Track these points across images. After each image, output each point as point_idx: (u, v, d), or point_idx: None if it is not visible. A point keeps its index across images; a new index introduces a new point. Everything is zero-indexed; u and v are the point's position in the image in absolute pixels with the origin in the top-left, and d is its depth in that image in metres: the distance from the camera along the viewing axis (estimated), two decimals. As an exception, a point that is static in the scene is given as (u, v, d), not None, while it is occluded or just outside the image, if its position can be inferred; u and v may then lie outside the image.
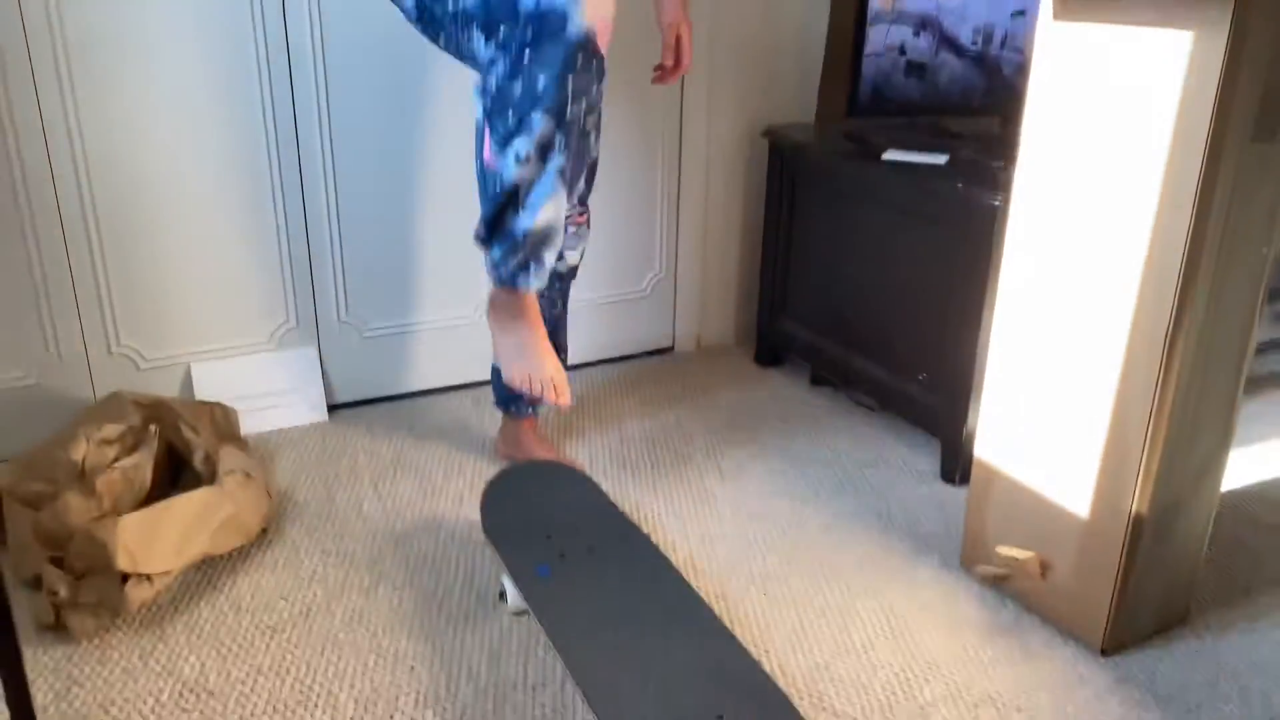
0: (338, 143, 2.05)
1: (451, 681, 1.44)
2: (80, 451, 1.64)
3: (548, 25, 1.41)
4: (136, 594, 1.49)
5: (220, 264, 2.04)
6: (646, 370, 2.49)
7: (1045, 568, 1.57)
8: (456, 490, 1.93)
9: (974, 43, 2.19)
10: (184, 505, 1.57)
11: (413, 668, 1.47)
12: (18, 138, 1.81)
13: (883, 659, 1.51)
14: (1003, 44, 2.21)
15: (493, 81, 1.48)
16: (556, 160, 1.50)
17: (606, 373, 2.47)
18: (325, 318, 2.16)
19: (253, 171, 2.01)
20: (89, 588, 1.48)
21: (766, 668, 1.47)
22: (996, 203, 1.80)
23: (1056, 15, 1.40)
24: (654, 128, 2.37)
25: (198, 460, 1.74)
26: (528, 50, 1.43)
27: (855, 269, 2.20)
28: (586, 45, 1.44)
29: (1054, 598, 1.57)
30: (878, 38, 2.14)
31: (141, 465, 1.64)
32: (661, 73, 1.94)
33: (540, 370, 1.67)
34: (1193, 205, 1.28)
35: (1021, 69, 2.22)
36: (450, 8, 1.55)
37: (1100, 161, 1.38)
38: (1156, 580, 1.52)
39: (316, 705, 1.39)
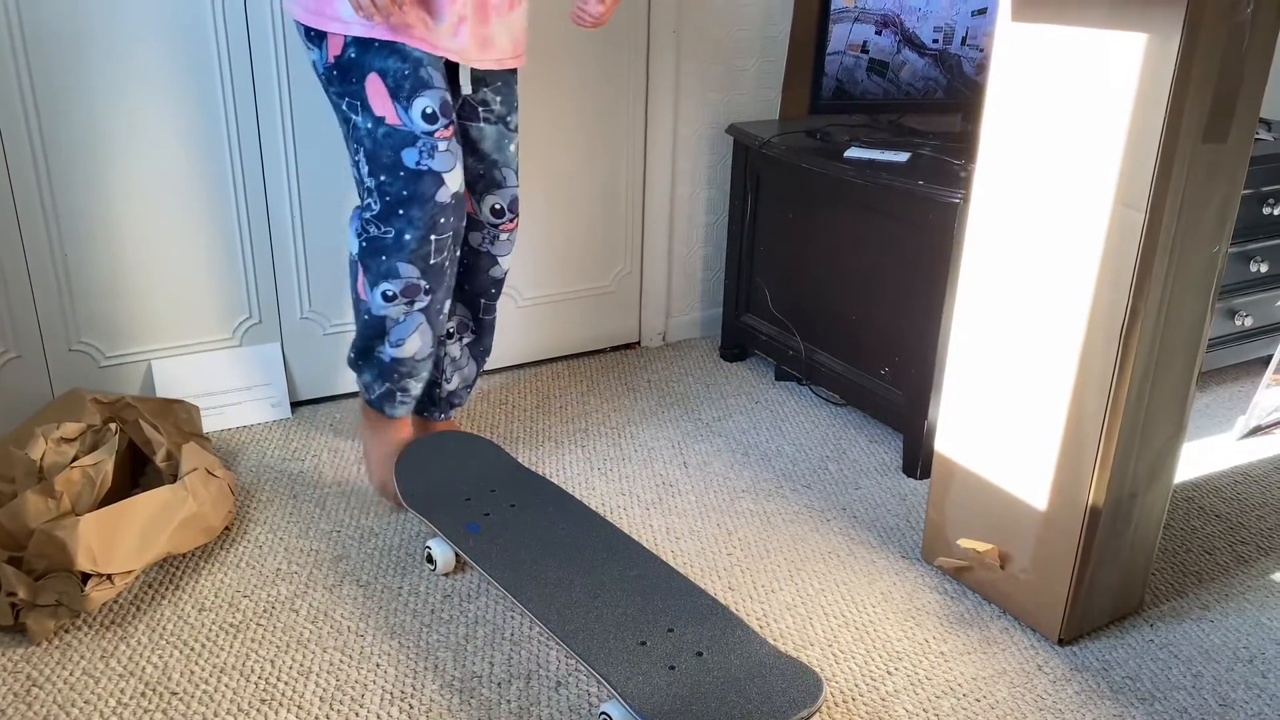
0: (300, 137, 2.03)
1: (417, 677, 1.44)
2: (39, 450, 1.62)
3: (421, 188, 1.56)
4: (97, 594, 1.47)
5: (181, 260, 2.02)
6: (612, 365, 2.50)
7: (1004, 559, 1.60)
8: (422, 487, 1.93)
9: (935, 41, 2.21)
10: (145, 504, 1.56)
11: (378, 664, 1.46)
12: (-28, 131, 1.78)
13: (846, 650, 1.53)
14: (963, 42, 2.23)
15: (367, 222, 1.62)
16: (422, 301, 1.67)
17: (572, 368, 2.48)
18: (288, 314, 2.15)
19: (214, 166, 1.98)
20: (48, 588, 1.46)
21: (731, 661, 1.49)
22: (957, 200, 1.83)
23: (1015, 16, 1.42)
24: (619, 124, 2.38)
25: (159, 458, 1.72)
26: (400, 207, 1.57)
27: (819, 265, 2.22)
28: (452, 205, 1.60)
29: (1013, 588, 1.60)
30: (840, 36, 2.15)
31: (102, 464, 1.62)
32: (579, 13, 1.75)
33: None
34: (1146, 204, 1.31)
35: (982, 66, 2.25)
36: (344, 110, 1.61)
37: (1057, 160, 1.41)
38: (1112, 571, 1.55)
39: (281, 704, 1.39)
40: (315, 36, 1.58)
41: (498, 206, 1.78)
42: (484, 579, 1.65)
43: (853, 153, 2.10)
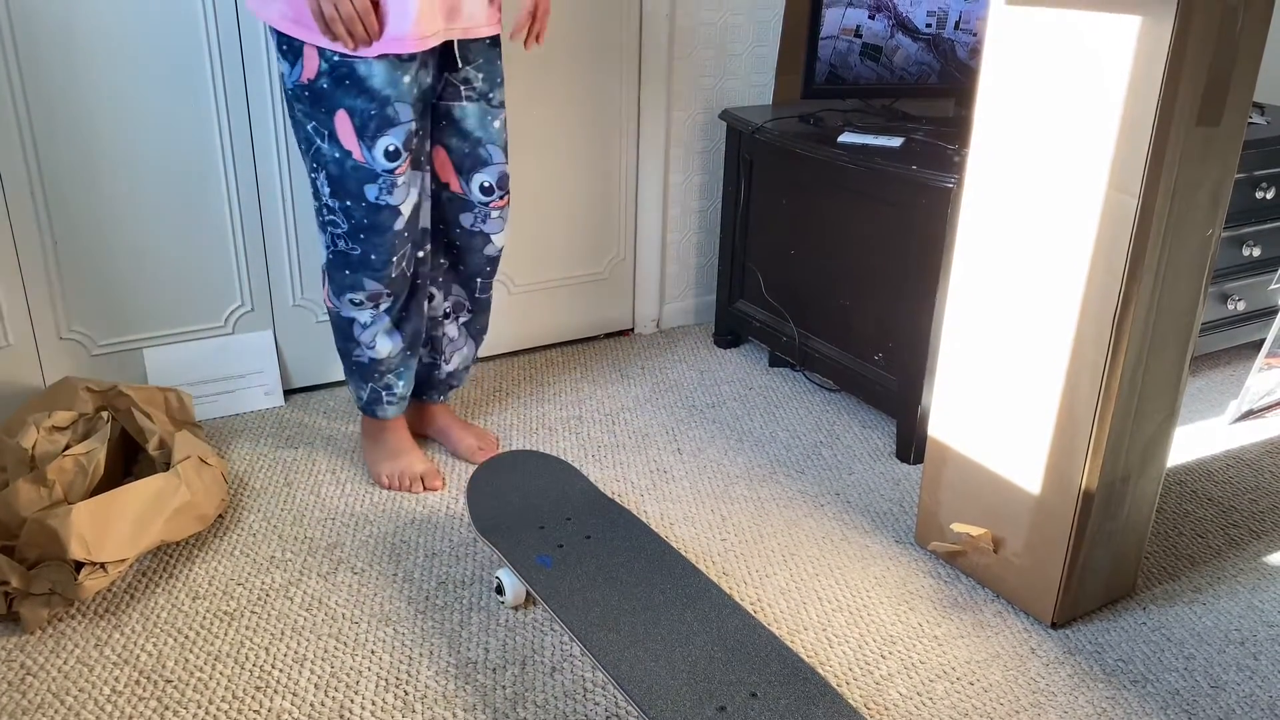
0: (290, 123, 2.02)
1: (412, 664, 1.44)
2: (30, 439, 1.62)
3: (380, 219, 1.64)
4: (91, 583, 1.47)
5: (172, 247, 2.01)
6: (606, 351, 2.50)
7: (998, 543, 1.60)
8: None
9: (928, 25, 2.21)
10: (138, 492, 1.55)
11: (373, 650, 1.47)
12: (-41, 118, 1.77)
13: (840, 634, 1.54)
14: (957, 26, 2.23)
15: (337, 239, 1.67)
16: (385, 303, 1.73)
17: (566, 354, 2.47)
18: (280, 301, 2.14)
19: (204, 153, 1.97)
20: (41, 577, 1.46)
21: (726, 646, 1.49)
22: (950, 185, 1.82)
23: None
24: (612, 110, 2.37)
25: (152, 446, 1.71)
26: (362, 233, 1.64)
27: (813, 251, 2.22)
28: (410, 224, 1.68)
29: (1006, 572, 1.61)
30: (833, 20, 2.15)
31: (94, 452, 1.62)
32: (515, 29, 1.74)
33: (410, 469, 1.87)
34: (1140, 187, 1.31)
35: (975, 51, 2.25)
36: (310, 133, 1.63)
37: (1051, 145, 1.41)
38: (1105, 554, 1.56)
39: (276, 691, 1.39)
40: (290, 52, 1.57)
41: (486, 184, 1.77)
42: (478, 571, 1.66)
43: (846, 138, 2.10)
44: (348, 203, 1.63)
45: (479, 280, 1.88)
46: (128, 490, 1.55)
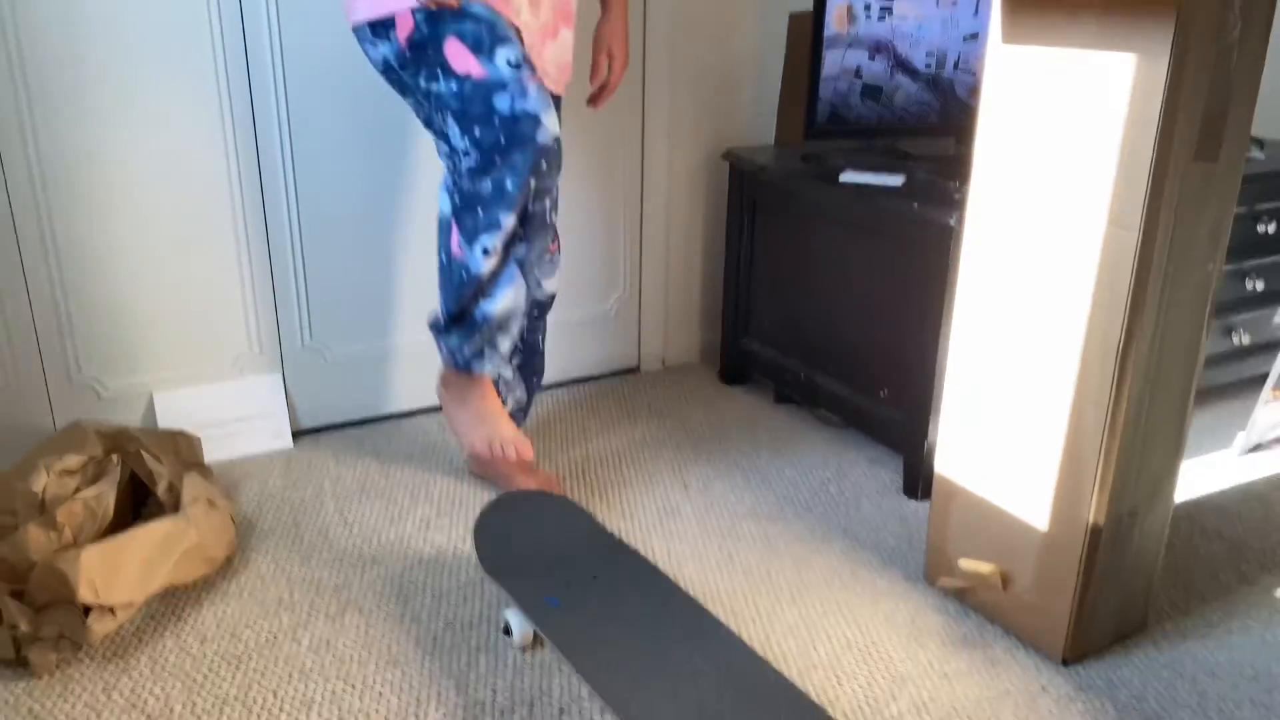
0: (299, 164, 2.05)
1: (420, 705, 1.44)
2: (40, 482, 1.63)
3: (520, 131, 1.51)
4: (99, 626, 1.47)
5: (182, 290, 2.03)
6: (612, 390, 2.51)
7: (1007, 580, 1.60)
8: (423, 515, 1.93)
9: (928, 65, 2.23)
10: (147, 535, 1.56)
11: (381, 693, 1.46)
12: (-26, 167, 1.80)
13: (849, 672, 1.53)
14: (956, 66, 2.25)
15: (462, 178, 1.57)
16: (519, 251, 1.64)
17: (572, 393, 2.48)
18: (289, 343, 2.15)
19: (213, 196, 2.00)
20: (50, 621, 1.46)
21: (735, 685, 1.49)
22: (952, 222, 1.84)
23: (1005, 38, 1.44)
24: (616, 149, 2.39)
25: (161, 489, 1.72)
26: (498, 155, 1.53)
27: (817, 288, 2.23)
28: (554, 148, 1.56)
29: (1016, 609, 1.60)
30: (834, 61, 2.18)
31: (104, 495, 1.63)
32: (591, 94, 1.89)
33: (499, 433, 1.80)
34: (1140, 223, 1.32)
35: (975, 90, 2.27)
36: (423, 84, 1.59)
37: (1050, 180, 1.42)
38: (1115, 590, 1.55)
39: (284, 734, 1.38)
40: (383, 30, 1.57)
41: None
42: (485, 611, 1.65)
43: (848, 176, 2.12)
44: (477, 130, 1.53)
45: (528, 323, 1.88)
46: (136, 533, 1.55)
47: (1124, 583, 1.56)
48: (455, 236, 1.63)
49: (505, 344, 1.75)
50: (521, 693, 1.47)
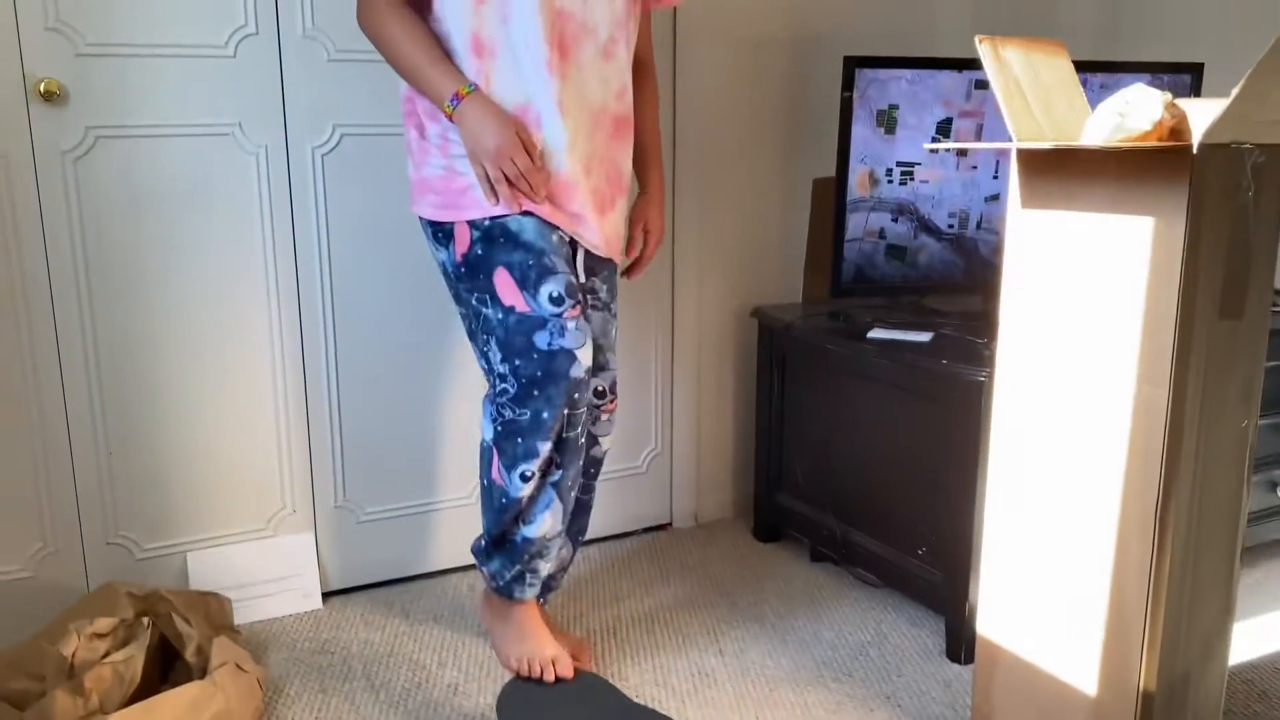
0: (340, 325, 2.10)
1: None
2: (70, 646, 1.62)
3: (556, 366, 1.61)
4: (119, 798, 1.43)
5: (220, 450, 2.06)
6: (644, 547, 2.48)
7: (1058, 750, 1.53)
8: (450, 680, 1.89)
9: (950, 226, 2.29)
10: (173, 701, 1.54)
11: None
12: (31, 333, 1.87)
13: None
14: (978, 226, 2.31)
15: (503, 407, 1.65)
16: (555, 476, 1.70)
17: (604, 550, 2.46)
18: (322, 502, 2.17)
19: (254, 356, 2.05)
20: (71, 792, 1.43)
21: None
22: (982, 378, 1.85)
23: (1024, 203, 1.48)
24: (647, 308, 2.45)
25: (190, 652, 1.71)
26: (535, 388, 1.62)
27: (849, 444, 2.23)
28: (586, 378, 1.65)
29: (1069, 782, 1.52)
30: (858, 223, 2.24)
31: (133, 660, 1.61)
32: (627, 267, 1.97)
33: (540, 653, 1.78)
34: (1169, 381, 1.32)
35: (998, 249, 2.32)
36: (474, 303, 1.70)
37: (1078, 338, 1.43)
38: (1173, 761, 1.47)
39: None
40: (443, 237, 1.67)
41: (600, 388, 1.85)
42: (515, 777, 1.60)
43: (876, 334, 2.14)
44: (517, 361, 1.61)
45: (582, 481, 1.90)
46: (163, 699, 1.53)
47: (1183, 753, 1.48)
48: (496, 463, 1.70)
49: (545, 568, 1.80)
50: None
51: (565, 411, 1.64)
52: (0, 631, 1.87)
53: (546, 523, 1.73)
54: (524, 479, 1.67)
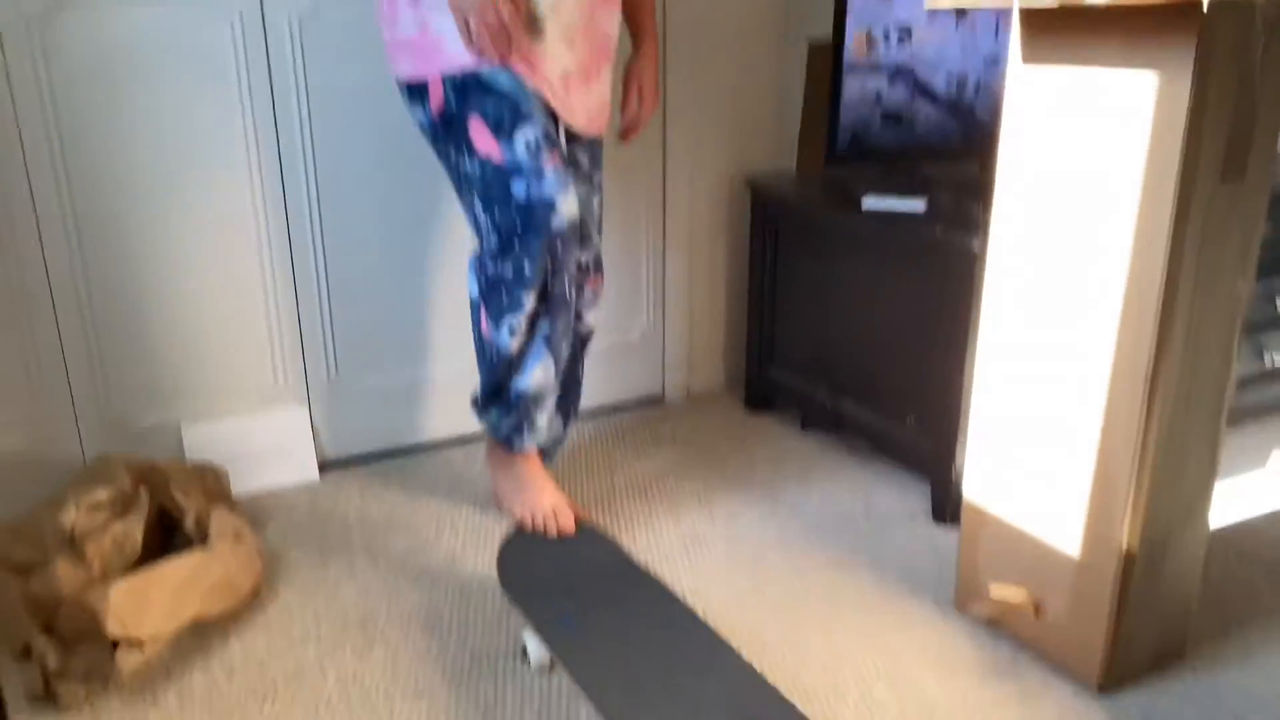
0: (324, 195, 2.07)
1: (447, 740, 1.43)
2: (70, 517, 1.64)
3: (535, 217, 1.59)
4: (127, 661, 1.47)
5: (210, 324, 2.05)
6: (637, 419, 2.50)
7: (1039, 607, 1.57)
8: (449, 548, 1.93)
9: (948, 89, 2.23)
10: (175, 569, 1.57)
11: (407, 727, 1.45)
12: (9, 209, 1.83)
13: (880, 702, 1.50)
14: (976, 90, 2.25)
15: (486, 260, 1.65)
16: (543, 328, 1.70)
17: (597, 423, 2.48)
18: (315, 376, 2.17)
19: (239, 228, 2.02)
20: (79, 656, 1.47)
21: (764, 716, 1.47)
22: (975, 246, 1.83)
23: (1025, 58, 1.44)
24: (638, 180, 2.40)
25: (188, 523, 1.73)
26: (515, 239, 1.60)
27: (841, 314, 2.22)
28: (568, 231, 1.62)
29: (1049, 636, 1.57)
30: (854, 88, 2.18)
31: (132, 530, 1.64)
32: (621, 130, 1.93)
33: (540, 503, 1.82)
34: (1166, 245, 1.31)
35: (996, 112, 2.27)
36: (454, 158, 1.66)
37: (1074, 202, 1.41)
38: (1151, 616, 1.52)
39: (311, 768, 1.38)
40: (419, 95, 1.64)
41: (584, 262, 1.82)
42: (512, 643, 1.65)
43: (869, 203, 2.11)
44: (496, 212, 1.60)
45: (570, 359, 1.90)
46: (164, 567, 1.56)
47: (1160, 609, 1.53)
48: (484, 318, 1.71)
49: (542, 418, 1.82)
50: (548, 725, 1.46)
51: (548, 263, 1.63)
52: None
53: (538, 375, 1.74)
54: (511, 332, 1.68)
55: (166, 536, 1.81)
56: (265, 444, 2.14)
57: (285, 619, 1.70)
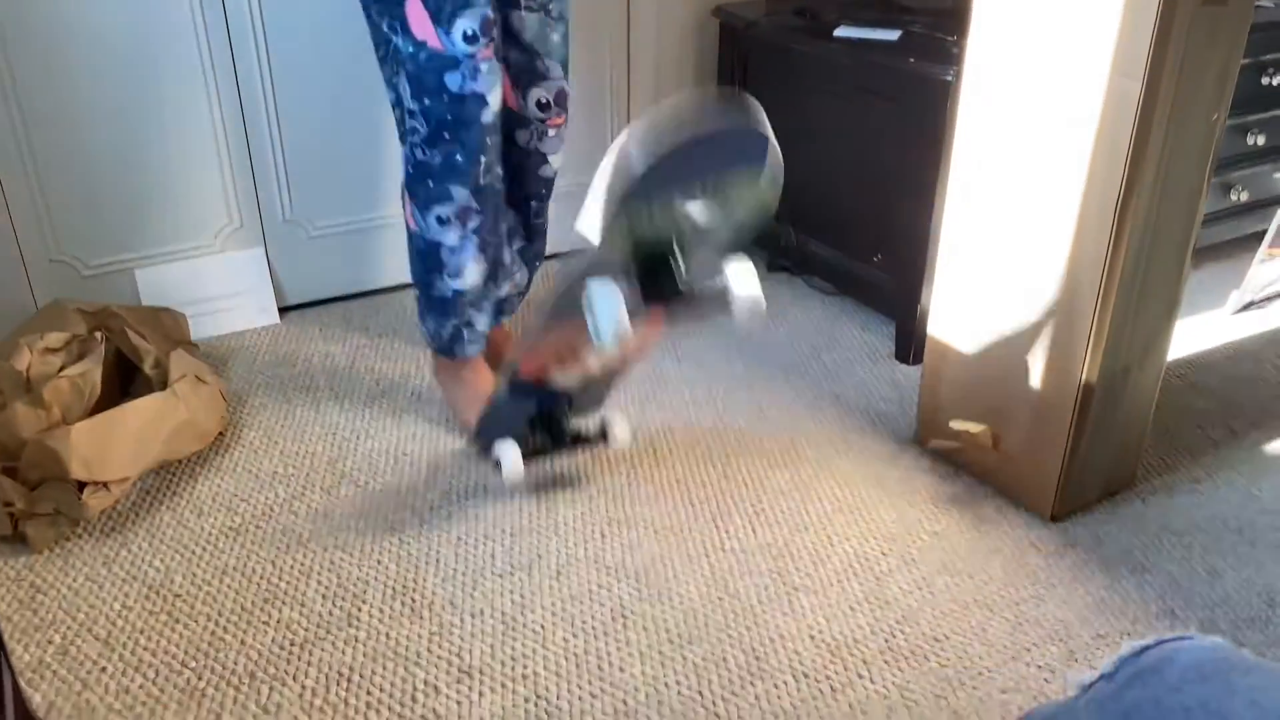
0: (271, 33, 1.96)
1: (419, 571, 1.46)
2: (24, 361, 1.61)
3: (467, 110, 1.53)
4: (95, 502, 1.48)
5: (158, 164, 1.97)
6: (602, 261, 2.47)
7: (998, 440, 1.61)
8: (414, 389, 1.92)
9: (926, -89, 2.13)
10: (136, 412, 1.55)
11: (379, 560, 1.48)
12: (-72, 35, 1.72)
13: (841, 533, 1.55)
14: (955, -88, 2.14)
15: (414, 147, 1.58)
16: (474, 222, 1.63)
17: (561, 265, 2.45)
18: (270, 217, 2.11)
19: (185, 65, 1.92)
20: (45, 497, 1.46)
21: (726, 547, 1.51)
22: (949, 78, 1.78)
23: (1009, -124, 1.36)
24: (600, 11, 2.30)
25: (148, 366, 1.71)
26: (446, 131, 1.54)
27: (810, 151, 2.18)
28: (496, 124, 1.58)
29: (1006, 468, 1.61)
30: (828, -92, 2.07)
31: (90, 373, 1.61)
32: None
33: None
34: (1144, 72, 1.27)
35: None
36: (385, 30, 1.56)
37: (1051, 29, 1.36)
38: (1105, 447, 1.56)
39: (284, 602, 1.40)
40: None
41: (543, 100, 1.73)
42: (481, 480, 1.66)
43: (842, 31, 2.04)
44: (426, 101, 1.53)
45: (534, 204, 1.84)
46: (126, 410, 1.55)
47: (1114, 440, 1.57)
48: (409, 206, 1.64)
49: (481, 321, 1.75)
50: (519, 557, 1.49)
51: (480, 157, 1.59)
52: (-48, 350, 1.85)
53: (472, 274, 1.68)
54: (440, 222, 1.62)
55: (126, 381, 1.78)
56: (223, 287, 2.09)
57: (252, 461, 1.70)
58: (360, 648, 1.33)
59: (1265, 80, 2.16)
